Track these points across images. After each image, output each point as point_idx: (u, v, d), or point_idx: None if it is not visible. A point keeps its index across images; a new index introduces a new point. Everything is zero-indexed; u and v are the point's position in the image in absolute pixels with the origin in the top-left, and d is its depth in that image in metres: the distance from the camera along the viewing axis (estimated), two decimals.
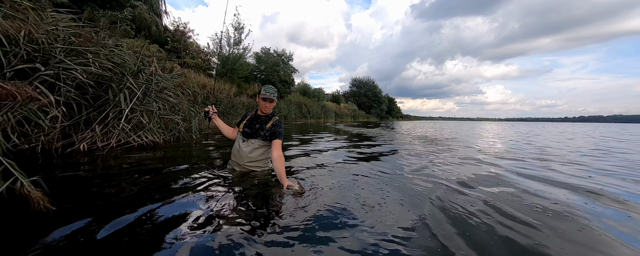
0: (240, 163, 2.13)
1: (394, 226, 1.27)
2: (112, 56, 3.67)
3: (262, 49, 21.97)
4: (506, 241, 1.17)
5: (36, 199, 1.22)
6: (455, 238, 1.18)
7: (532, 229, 1.31)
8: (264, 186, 1.86)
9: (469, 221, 1.38)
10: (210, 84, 11.92)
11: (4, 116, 2.42)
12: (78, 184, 1.82)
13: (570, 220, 1.46)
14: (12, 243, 1.01)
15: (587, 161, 3.74)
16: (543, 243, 1.16)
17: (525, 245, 1.14)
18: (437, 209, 1.53)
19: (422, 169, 2.74)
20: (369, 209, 1.48)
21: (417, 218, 1.39)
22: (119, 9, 10.77)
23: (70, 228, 1.13)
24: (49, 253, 0.95)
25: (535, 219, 1.43)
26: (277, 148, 2.00)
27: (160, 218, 1.28)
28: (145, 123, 3.74)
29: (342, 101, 41.50)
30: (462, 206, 1.59)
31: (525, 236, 1.23)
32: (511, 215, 1.49)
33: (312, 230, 1.20)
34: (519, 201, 1.75)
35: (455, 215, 1.46)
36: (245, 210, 1.43)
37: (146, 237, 1.10)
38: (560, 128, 20.95)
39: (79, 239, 1.05)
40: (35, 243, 1.00)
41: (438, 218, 1.40)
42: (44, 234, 1.07)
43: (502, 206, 1.63)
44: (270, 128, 2.08)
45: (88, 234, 1.09)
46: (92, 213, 1.32)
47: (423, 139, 6.81)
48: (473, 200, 1.73)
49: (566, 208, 1.64)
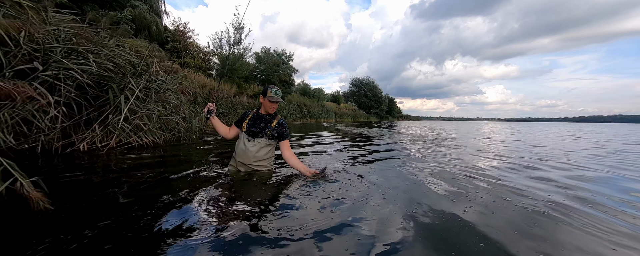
0: (246, 162, 2.13)
1: (396, 225, 1.27)
2: (113, 56, 3.67)
3: (262, 49, 21.98)
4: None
5: (36, 200, 1.22)
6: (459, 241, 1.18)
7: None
8: (266, 186, 1.86)
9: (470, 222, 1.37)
10: (210, 84, 11.93)
11: (4, 116, 2.43)
12: (78, 184, 1.82)
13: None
14: (12, 243, 1.01)
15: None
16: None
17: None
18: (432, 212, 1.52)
19: (424, 169, 2.74)
20: (372, 208, 1.48)
21: (414, 218, 1.39)
22: (119, 9, 10.78)
23: (70, 228, 1.13)
24: (49, 253, 0.95)
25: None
26: (287, 147, 2.16)
27: (160, 218, 1.28)
28: (145, 124, 3.74)
29: (342, 101, 41.52)
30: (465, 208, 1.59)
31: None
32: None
33: (321, 231, 1.20)
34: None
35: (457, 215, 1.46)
36: (247, 210, 1.43)
37: (146, 237, 1.10)
38: (562, 128, 20.90)
39: (78, 239, 1.05)
40: (35, 243, 1.00)
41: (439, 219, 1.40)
42: (44, 234, 1.07)
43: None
44: (276, 127, 2.13)
45: (88, 234, 1.09)
46: (92, 213, 1.33)
47: (423, 139, 6.80)
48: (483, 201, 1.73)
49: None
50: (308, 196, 1.69)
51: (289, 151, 2.16)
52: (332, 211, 1.45)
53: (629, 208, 1.70)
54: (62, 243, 1.01)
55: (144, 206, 1.44)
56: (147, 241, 1.07)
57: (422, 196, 1.78)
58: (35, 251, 0.95)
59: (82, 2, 9.24)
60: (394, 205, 1.58)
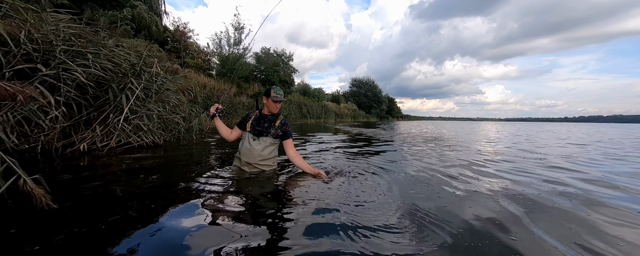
0: (251, 161, 2.14)
1: (397, 223, 1.28)
2: (113, 56, 3.67)
3: (262, 49, 22.01)
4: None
5: (39, 197, 1.23)
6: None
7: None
8: (268, 186, 1.86)
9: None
10: (210, 84, 11.94)
11: (4, 116, 2.43)
12: (78, 184, 1.83)
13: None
14: (13, 241, 1.02)
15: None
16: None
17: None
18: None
19: (427, 168, 2.75)
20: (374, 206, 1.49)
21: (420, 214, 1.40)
22: (119, 9, 10.79)
23: (69, 227, 1.13)
24: (48, 253, 0.96)
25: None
26: (291, 146, 2.21)
27: (161, 218, 1.28)
28: (145, 124, 3.75)
29: (342, 101, 41.53)
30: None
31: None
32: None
33: (330, 231, 1.21)
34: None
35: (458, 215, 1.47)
36: (249, 210, 1.43)
37: (147, 237, 1.11)
38: (564, 129, 20.92)
39: (78, 239, 1.05)
40: (35, 243, 1.00)
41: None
42: (44, 233, 1.08)
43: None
44: (279, 126, 2.19)
45: (87, 234, 1.10)
46: (92, 213, 1.33)
47: (423, 139, 6.82)
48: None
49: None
50: (313, 194, 1.69)
51: (294, 150, 2.22)
52: (339, 211, 1.44)
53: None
54: (62, 243, 1.02)
55: (144, 206, 1.44)
56: (147, 241, 1.08)
57: (429, 196, 1.79)
58: (35, 251, 0.96)
59: (81, 1, 9.25)
60: (400, 202, 1.58)
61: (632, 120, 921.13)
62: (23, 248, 0.96)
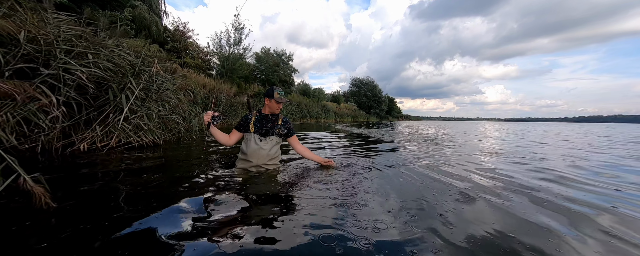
0: (259, 162, 2.15)
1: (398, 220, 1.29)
2: (113, 56, 3.68)
3: (262, 49, 22.01)
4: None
5: (38, 195, 1.23)
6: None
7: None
8: (270, 184, 1.87)
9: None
10: (210, 84, 11.94)
11: (4, 115, 2.44)
12: (78, 184, 1.83)
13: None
14: (13, 240, 1.02)
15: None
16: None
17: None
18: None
19: (427, 169, 2.75)
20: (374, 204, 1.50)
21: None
22: (119, 9, 10.80)
23: (69, 227, 1.14)
24: (48, 252, 0.96)
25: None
26: (297, 141, 2.38)
27: (161, 218, 1.29)
28: (145, 123, 3.75)
29: (342, 101, 41.50)
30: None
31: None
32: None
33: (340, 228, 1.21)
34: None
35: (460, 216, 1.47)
36: (252, 208, 1.43)
37: (147, 237, 1.11)
38: (565, 129, 20.91)
39: (77, 239, 1.06)
40: (35, 242, 1.01)
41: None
42: (44, 233, 1.08)
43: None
44: (282, 124, 2.26)
45: (87, 233, 1.10)
46: (93, 212, 1.34)
47: (423, 140, 6.82)
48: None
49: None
50: (316, 192, 1.69)
51: (300, 145, 2.37)
52: (349, 206, 1.45)
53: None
54: (62, 242, 1.02)
55: (145, 206, 1.44)
56: (148, 241, 1.08)
57: (435, 195, 1.79)
58: (35, 250, 0.96)
59: (81, 2, 9.26)
60: (403, 201, 1.59)
61: (632, 120, 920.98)
62: (25, 246, 0.97)
